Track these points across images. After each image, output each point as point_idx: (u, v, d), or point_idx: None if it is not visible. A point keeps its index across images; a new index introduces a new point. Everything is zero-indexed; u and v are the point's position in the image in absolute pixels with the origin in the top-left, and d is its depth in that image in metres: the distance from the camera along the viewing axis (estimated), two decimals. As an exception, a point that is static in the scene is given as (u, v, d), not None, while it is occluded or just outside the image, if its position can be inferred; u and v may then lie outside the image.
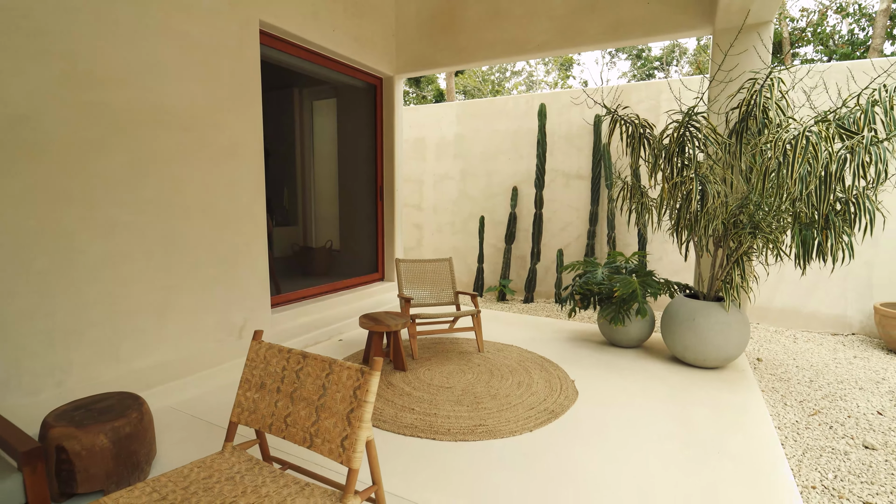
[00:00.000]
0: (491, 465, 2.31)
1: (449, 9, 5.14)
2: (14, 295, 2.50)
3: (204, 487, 1.63)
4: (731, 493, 2.09)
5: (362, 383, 1.68)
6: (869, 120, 3.04)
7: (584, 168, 6.37)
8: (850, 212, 3.14)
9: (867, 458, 2.63)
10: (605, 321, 4.11)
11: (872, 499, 2.25)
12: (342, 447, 1.64)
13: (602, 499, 2.06)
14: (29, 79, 2.49)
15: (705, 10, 3.97)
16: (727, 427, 2.71)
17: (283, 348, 1.93)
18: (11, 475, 1.56)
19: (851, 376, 3.88)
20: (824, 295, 5.25)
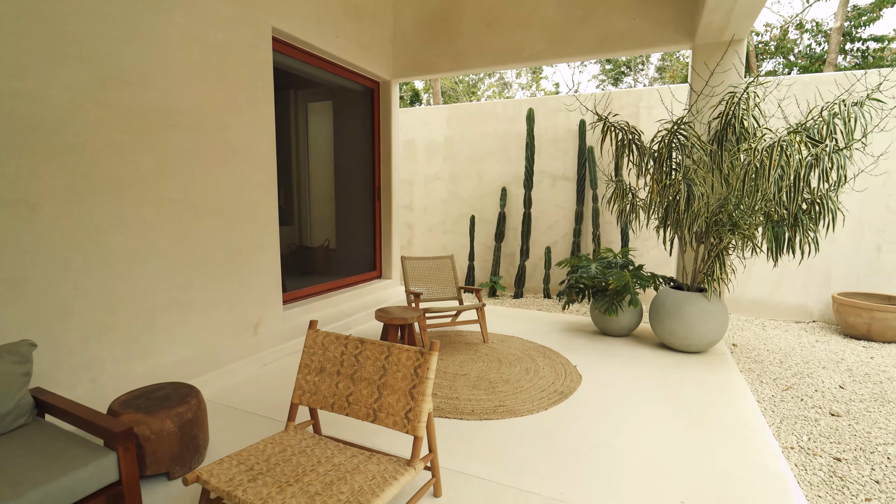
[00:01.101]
0: (515, 440, 2.57)
1: (445, 16, 5.38)
2: (55, 293, 2.59)
3: (282, 459, 1.83)
4: (724, 454, 2.42)
5: (422, 362, 1.91)
6: (831, 130, 3.46)
7: (570, 170, 6.72)
8: (816, 211, 3.55)
9: (833, 423, 3.03)
10: (598, 312, 4.44)
11: (840, 455, 2.64)
12: (406, 419, 1.87)
13: (615, 464, 2.35)
14: (67, 83, 2.58)
15: (686, 27, 4.35)
16: (714, 402, 3.05)
17: (340, 336, 2.14)
18: (107, 454, 1.71)
19: (815, 357, 4.34)
20: (788, 287, 5.77)
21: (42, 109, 2.50)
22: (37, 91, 2.47)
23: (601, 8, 4.64)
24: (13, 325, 2.42)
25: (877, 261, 5.39)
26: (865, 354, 4.45)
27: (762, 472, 2.26)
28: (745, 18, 3.80)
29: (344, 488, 1.64)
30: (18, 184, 2.43)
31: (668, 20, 4.41)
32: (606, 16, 4.64)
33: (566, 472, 2.26)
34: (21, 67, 2.41)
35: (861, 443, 2.80)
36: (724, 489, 2.13)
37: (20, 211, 2.44)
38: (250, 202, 3.77)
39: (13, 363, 1.86)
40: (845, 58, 10.21)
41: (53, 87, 2.54)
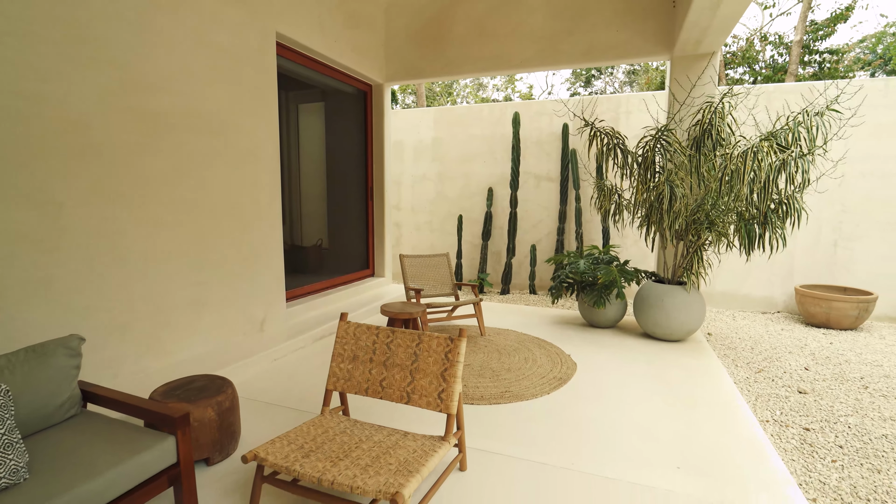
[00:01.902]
0: (524, 420, 2.80)
1: (437, 24, 5.57)
2: (79, 292, 2.67)
3: (327, 439, 2.00)
4: (710, 427, 2.72)
5: (452, 348, 2.11)
6: (796, 138, 3.83)
7: (554, 171, 7.03)
8: (783, 210, 3.92)
9: (801, 399, 3.39)
10: (586, 305, 4.73)
11: (808, 425, 2.98)
12: (440, 399, 2.07)
13: (615, 438, 2.61)
14: (90, 87, 2.66)
15: (665, 41, 4.68)
16: (697, 383, 3.37)
17: (371, 326, 2.31)
18: (167, 438, 1.84)
19: (782, 344, 4.75)
20: (755, 280, 6.22)
21: (68, 112, 2.57)
22: (63, 94, 2.54)
23: (587, 21, 4.93)
24: (42, 322, 2.49)
25: (834, 255, 5.89)
26: (825, 340, 4.89)
27: (744, 441, 2.56)
28: (719, 35, 4.15)
29: (391, 460, 1.83)
30: (47, 184, 2.50)
31: (648, 34, 4.74)
32: (592, 28, 4.93)
33: (572, 446, 2.51)
34: (49, 71, 2.48)
35: (825, 415, 3.16)
36: (713, 456, 2.42)
37: (49, 211, 2.51)
38: (258, 203, 3.88)
39: (66, 356, 1.96)
40: (804, 68, 11.03)
41: (78, 90, 2.61)
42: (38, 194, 2.46)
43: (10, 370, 1.79)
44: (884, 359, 4.32)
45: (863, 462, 2.61)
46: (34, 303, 2.46)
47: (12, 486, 1.51)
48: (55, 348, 1.94)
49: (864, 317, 5.32)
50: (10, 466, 1.50)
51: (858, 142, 5.59)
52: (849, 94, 5.37)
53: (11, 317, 2.37)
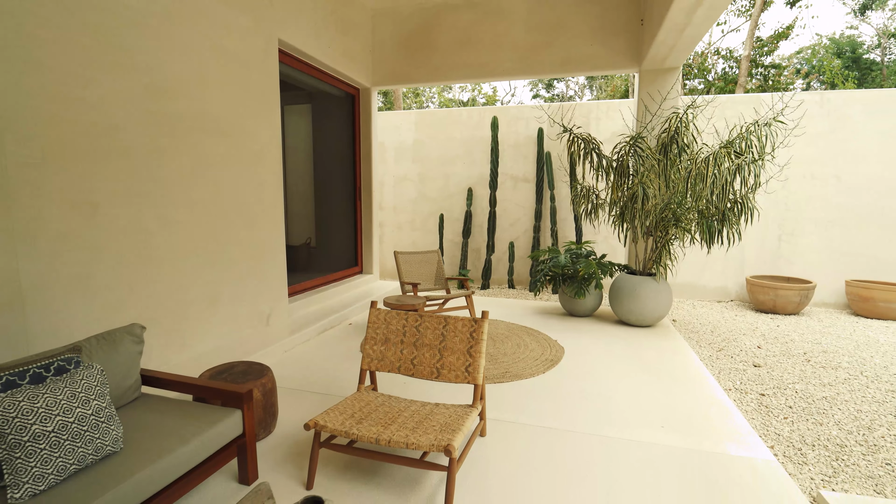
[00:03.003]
0: (526, 395, 3.16)
1: (423, 33, 5.87)
2: (113, 288, 2.82)
3: (371, 409, 2.28)
4: (684, 395, 3.17)
5: (476, 328, 2.44)
6: (748, 145, 4.38)
7: (530, 172, 7.46)
8: (738, 209, 4.47)
9: (756, 372, 3.93)
10: (567, 296, 5.16)
11: (763, 392, 3.50)
12: (467, 372, 2.39)
13: (607, 406, 3.01)
14: (121, 92, 2.81)
15: (634, 55, 5.17)
16: (669, 361, 3.83)
17: (399, 312, 2.61)
18: (234, 412, 2.07)
19: (736, 327, 5.35)
20: (711, 273, 6.87)
21: (101, 116, 2.72)
22: (98, 99, 2.69)
23: (564, 35, 5.36)
24: (81, 317, 2.63)
25: (778, 249, 6.60)
26: (773, 324, 5.53)
27: (712, 405, 3.02)
28: (683, 52, 4.66)
29: (433, 423, 2.14)
30: (84, 185, 2.64)
31: (620, 49, 5.22)
32: (568, 42, 5.37)
33: (571, 413, 2.89)
34: (86, 77, 2.62)
35: (776, 383, 3.69)
36: (688, 417, 2.85)
37: (86, 211, 2.66)
38: (263, 202, 4.06)
39: (132, 343, 2.15)
40: (752, 80, 12.10)
41: (110, 95, 2.76)
42: (76, 195, 2.60)
43: (89, 355, 1.97)
44: (822, 337, 4.97)
45: (808, 418, 3.13)
46: (74, 298, 2.60)
47: (113, 454, 1.72)
48: (122, 336, 2.13)
49: (805, 303, 6.03)
50: (113, 436, 1.71)
51: (800, 148, 6.31)
52: (792, 108, 6.07)
53: (56, 311, 2.51)
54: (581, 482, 2.21)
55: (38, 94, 2.38)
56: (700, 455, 2.46)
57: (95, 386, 1.71)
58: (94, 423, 1.65)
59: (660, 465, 2.35)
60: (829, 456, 2.69)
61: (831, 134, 6.32)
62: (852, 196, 6.34)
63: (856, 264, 6.39)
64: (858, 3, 18.90)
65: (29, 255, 2.37)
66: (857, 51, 19.49)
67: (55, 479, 1.51)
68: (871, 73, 19.14)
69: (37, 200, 2.40)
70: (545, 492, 2.13)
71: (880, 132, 6.18)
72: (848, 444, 2.83)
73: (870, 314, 5.95)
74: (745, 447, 2.53)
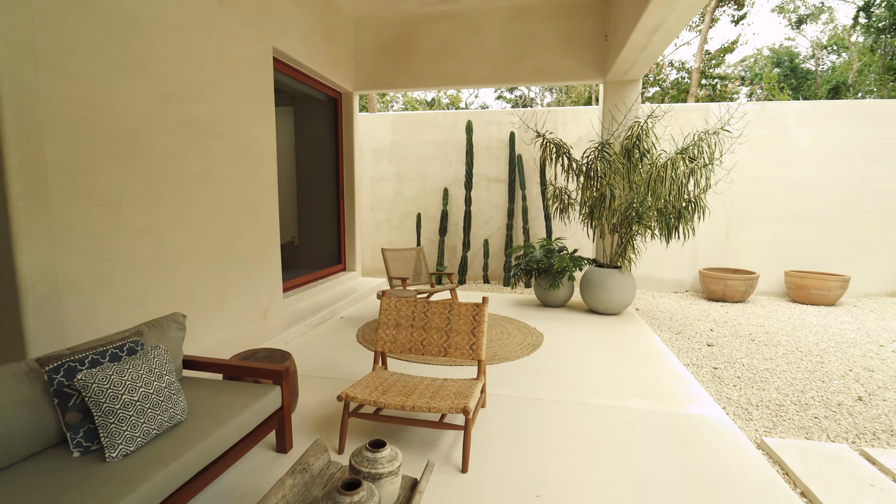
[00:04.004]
0: (515, 374, 3.54)
1: (404, 41, 6.17)
2: (132, 284, 3.00)
3: (390, 384, 2.60)
4: (650, 370, 3.64)
5: (478, 311, 2.80)
6: (700, 151, 4.95)
7: (502, 173, 7.90)
8: (692, 207, 5.03)
9: (709, 350, 4.49)
10: (542, 288, 5.60)
11: (716, 366, 4.04)
12: (471, 349, 2.75)
13: (586, 380, 3.44)
14: (140, 98, 2.99)
15: (600, 68, 5.68)
16: (636, 343, 4.32)
17: (409, 300, 2.93)
18: (274, 388, 2.34)
19: (691, 314, 5.96)
20: (668, 266, 7.52)
21: (123, 121, 2.89)
22: (120, 105, 2.86)
23: (536, 48, 5.81)
24: (107, 311, 2.81)
25: (726, 244, 7.32)
26: (723, 310, 6.19)
27: (674, 377, 3.51)
28: (643, 66, 5.19)
29: (447, 392, 2.48)
30: (110, 186, 2.82)
31: (586, 61, 5.71)
32: (540, 54, 5.82)
33: (556, 387, 3.30)
34: (109, 84, 2.80)
35: (727, 359, 4.25)
36: (655, 386, 3.32)
37: (111, 211, 2.84)
38: (263, 202, 4.27)
39: (176, 329, 2.38)
40: (702, 90, 13.14)
41: (131, 101, 2.94)
42: (102, 195, 2.77)
43: (145, 340, 2.19)
44: (764, 321, 5.64)
45: (752, 385, 3.67)
46: (100, 293, 2.77)
47: (181, 422, 1.97)
48: (168, 323, 2.36)
49: (750, 291, 6.74)
50: (181, 406, 1.96)
51: (744, 153, 7.03)
52: (737, 118, 6.77)
53: (86, 306, 2.69)
54: (570, 439, 2.61)
55: (69, 100, 2.55)
56: (666, 415, 2.91)
57: (165, 363, 1.96)
58: (168, 395, 1.89)
59: (634, 424, 2.79)
60: (770, 413, 3.22)
61: (770, 140, 7.07)
62: (789, 196, 7.12)
63: (793, 257, 7.18)
64: (795, 18, 20.56)
65: (64, 252, 2.55)
66: (794, 61, 21.19)
67: (141, 441, 1.76)
68: (807, 81, 20.87)
69: (70, 201, 2.57)
70: (541, 447, 2.52)
71: (811, 138, 6.98)
72: (784, 404, 3.37)
73: (805, 300, 6.72)
74: (702, 408, 3.01)
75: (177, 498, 1.74)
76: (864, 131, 6.89)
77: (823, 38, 20.55)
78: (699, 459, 2.42)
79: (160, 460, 1.71)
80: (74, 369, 1.76)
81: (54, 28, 2.47)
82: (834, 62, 20.36)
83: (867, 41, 16.48)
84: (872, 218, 6.99)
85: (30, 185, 2.36)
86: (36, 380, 1.74)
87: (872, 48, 16.04)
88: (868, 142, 6.89)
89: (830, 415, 3.22)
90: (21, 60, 2.31)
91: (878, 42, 15.29)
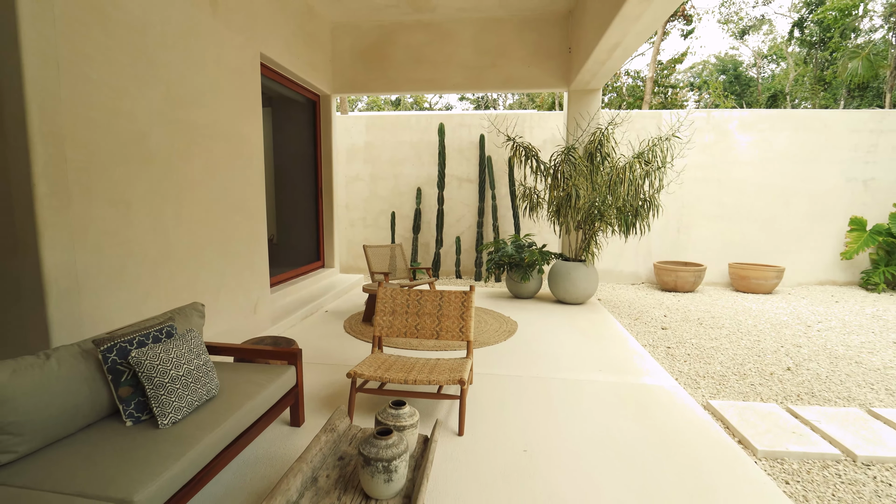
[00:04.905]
0: (495, 356, 3.93)
1: (380, 47, 6.45)
2: (141, 279, 3.18)
3: (390, 364, 2.92)
4: (613, 350, 4.11)
5: (466, 298, 3.15)
6: (654, 155, 5.50)
7: (473, 174, 8.29)
8: (647, 206, 5.57)
9: (664, 333, 5.03)
10: (513, 281, 6.03)
11: (670, 346, 4.57)
12: (461, 332, 3.10)
13: (557, 359, 3.86)
14: (148, 101, 3.18)
15: (564, 77, 6.15)
16: (600, 328, 4.80)
17: (403, 290, 3.25)
18: (289, 368, 2.61)
19: (647, 303, 6.54)
20: (626, 260, 8.13)
21: (133, 125, 3.07)
22: (131, 109, 3.04)
23: (506, 58, 6.22)
24: (118, 305, 2.98)
25: (677, 239, 8.00)
26: (675, 299, 6.82)
27: (634, 355, 3.98)
28: (603, 78, 5.70)
29: (442, 369, 2.82)
30: (121, 187, 3.00)
31: (552, 71, 6.17)
32: (509, 64, 6.23)
33: (532, 366, 3.70)
34: (121, 90, 2.97)
35: (678, 340, 4.80)
36: (617, 363, 3.78)
37: (122, 210, 3.01)
38: (255, 200, 4.47)
39: (198, 317, 2.61)
40: (655, 97, 14.07)
41: (140, 106, 3.12)
42: (114, 195, 2.95)
43: (176, 325, 2.42)
44: (711, 307, 6.28)
45: (699, 361, 4.21)
46: (112, 288, 2.94)
47: (214, 397, 2.22)
48: (191, 311, 2.58)
49: (699, 282, 7.42)
50: (215, 382, 2.21)
51: (692, 157, 7.71)
52: (686, 125, 7.43)
53: (99, 300, 2.86)
54: (548, 407, 3.01)
55: (86, 104, 2.72)
56: (627, 385, 3.36)
57: (200, 345, 2.20)
58: (205, 371, 2.15)
59: (601, 393, 3.22)
60: (714, 382, 3.75)
61: (715, 145, 7.79)
62: (732, 195, 7.87)
63: (736, 250, 7.94)
64: (738, 29, 22.06)
65: (82, 248, 2.72)
66: (738, 69, 22.73)
67: (186, 411, 2.01)
68: (750, 88, 22.45)
69: (87, 201, 2.74)
70: (523, 414, 2.90)
71: (750, 143, 7.75)
72: (726, 374, 3.91)
73: (746, 289, 7.47)
74: (657, 379, 3.49)
75: (219, 460, 2.00)
76: (795, 138, 7.71)
77: (764, 48, 22.17)
78: (656, 419, 2.86)
79: (205, 427, 1.97)
80: (125, 349, 1.99)
81: (73, 37, 2.64)
82: (774, 70, 22.03)
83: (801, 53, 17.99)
84: (803, 216, 7.83)
85: (53, 185, 2.53)
86: (90, 359, 1.96)
87: (805, 60, 17.52)
88: (799, 147, 7.72)
89: (764, 382, 3.77)
90: (46, 68, 2.48)
91: (810, 55, 16.74)
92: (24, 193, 2.46)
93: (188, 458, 1.79)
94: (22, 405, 1.68)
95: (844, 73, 12.67)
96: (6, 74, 2.37)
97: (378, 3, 5.87)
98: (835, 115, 7.67)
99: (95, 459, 1.70)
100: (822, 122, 7.68)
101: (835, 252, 7.86)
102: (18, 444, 1.68)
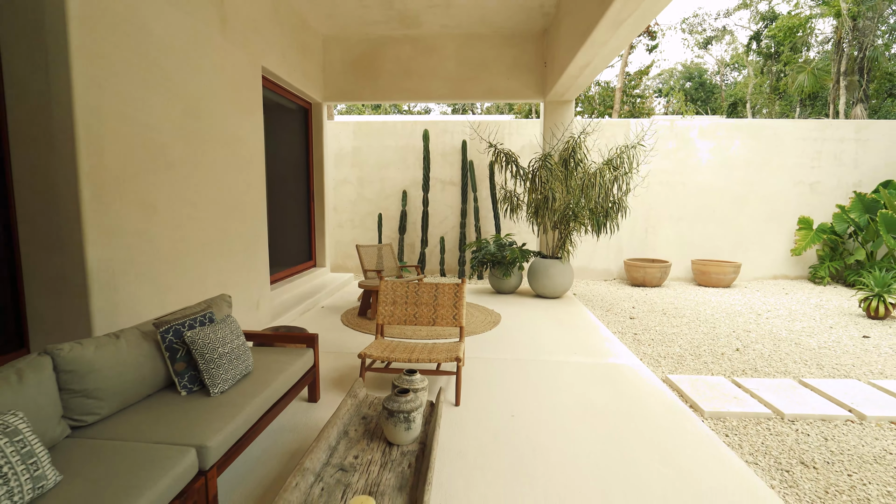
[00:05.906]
0: (482, 343, 4.37)
1: (369, 59, 6.84)
2: (162, 275, 3.50)
3: (394, 346, 3.33)
4: (587, 337, 4.61)
5: (458, 289, 3.59)
6: (621, 162, 6.05)
7: (456, 177, 8.74)
8: (617, 208, 6.12)
9: (632, 322, 5.58)
10: (496, 277, 6.50)
11: (637, 333, 5.11)
12: (454, 319, 3.54)
13: (538, 345, 4.34)
14: (169, 115, 3.50)
15: (541, 89, 6.67)
16: (576, 319, 5.31)
17: (402, 282, 3.67)
18: (308, 350, 3.00)
19: (618, 297, 7.12)
20: (598, 257, 8.72)
21: (158, 136, 3.40)
22: (156, 122, 3.37)
23: (487, 71, 6.70)
24: (144, 299, 3.30)
25: (645, 238, 8.63)
26: (643, 293, 7.41)
27: (604, 341, 4.49)
28: (576, 91, 6.23)
29: (440, 349, 3.25)
30: (149, 191, 3.32)
31: (530, 84, 6.68)
32: (490, 76, 6.71)
33: (516, 350, 4.16)
34: (141, 100, 3.27)
35: (645, 328, 5.35)
36: (590, 348, 4.28)
37: (149, 212, 3.34)
38: (255, 203, 4.80)
39: (227, 306, 2.97)
40: (623, 107, 14.89)
41: (163, 119, 3.44)
42: (142, 199, 3.27)
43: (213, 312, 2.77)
44: (675, 300, 6.89)
45: (662, 344, 4.76)
46: (140, 283, 3.27)
47: (250, 373, 2.59)
48: (221, 301, 2.94)
49: (665, 277, 8.05)
50: (250, 360, 2.59)
51: (657, 162, 8.35)
52: (650, 133, 8.06)
53: (130, 293, 3.18)
54: (531, 383, 3.47)
55: (120, 118, 3.04)
56: (599, 365, 3.86)
57: (237, 328, 2.58)
58: (243, 350, 2.52)
59: (577, 372, 3.70)
60: (673, 361, 4.29)
61: (678, 151, 8.45)
62: (694, 198, 8.54)
63: (698, 248, 8.61)
64: (702, 39, 23.20)
65: (118, 246, 3.04)
66: (703, 76, 23.88)
67: (231, 383, 2.38)
68: (714, 94, 23.63)
69: (120, 204, 3.07)
70: (510, 388, 3.35)
71: (709, 150, 8.43)
72: (684, 355, 4.46)
73: (707, 284, 8.13)
74: (625, 360, 3.99)
75: (259, 424, 2.38)
76: (749, 145, 8.43)
77: (727, 57, 23.38)
78: (622, 390, 3.36)
79: (248, 395, 2.35)
80: (180, 331, 2.35)
81: (112, 59, 2.96)
82: (736, 78, 23.26)
83: (759, 63, 19.13)
84: (757, 216, 8.56)
85: (95, 190, 2.86)
86: (149, 339, 2.32)
87: (762, 71, 18.65)
88: (753, 153, 8.44)
89: (716, 361, 4.33)
90: (90, 87, 2.81)
91: (767, 65, 17.84)
92: (71, 197, 2.78)
93: (241, 417, 2.17)
94: (104, 375, 2.03)
95: (794, 85, 13.68)
96: (58, 94, 2.69)
97: (367, 19, 6.26)
98: (784, 125, 8.43)
99: (167, 419, 2.07)
100: (772, 131, 8.43)
101: (786, 249, 8.62)
102: (102, 406, 2.03)
